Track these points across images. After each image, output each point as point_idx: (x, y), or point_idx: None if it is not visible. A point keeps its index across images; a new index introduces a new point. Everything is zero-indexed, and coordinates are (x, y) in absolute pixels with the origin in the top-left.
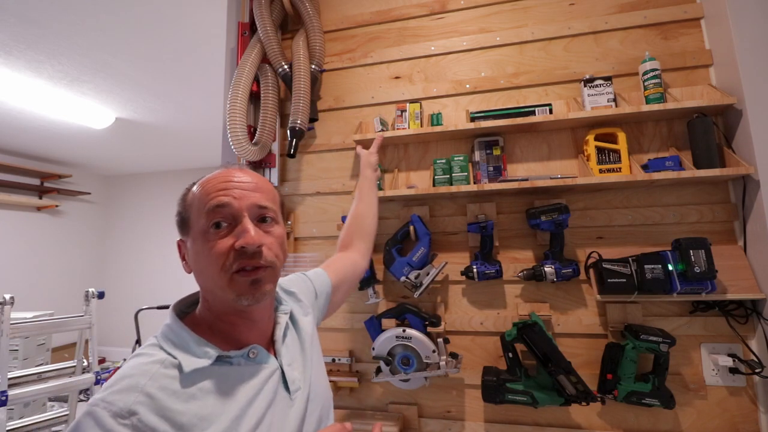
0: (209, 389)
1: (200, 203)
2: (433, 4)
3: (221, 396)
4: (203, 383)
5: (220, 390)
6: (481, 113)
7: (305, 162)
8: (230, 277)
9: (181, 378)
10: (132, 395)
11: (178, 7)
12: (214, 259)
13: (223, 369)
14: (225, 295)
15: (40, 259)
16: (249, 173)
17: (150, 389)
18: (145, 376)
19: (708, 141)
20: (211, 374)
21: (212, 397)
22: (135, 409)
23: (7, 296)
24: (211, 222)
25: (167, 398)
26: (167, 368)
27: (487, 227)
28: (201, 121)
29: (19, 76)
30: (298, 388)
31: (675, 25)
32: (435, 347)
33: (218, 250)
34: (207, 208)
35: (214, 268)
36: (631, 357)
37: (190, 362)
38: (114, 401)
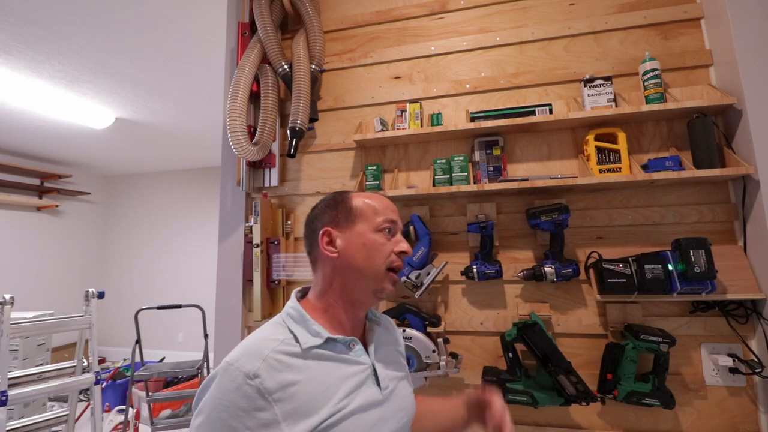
0: (317, 368)
1: (378, 210)
2: (433, 4)
3: (326, 376)
4: (312, 362)
5: (326, 370)
6: (481, 113)
7: (305, 162)
8: (386, 269)
9: (297, 353)
10: (258, 362)
11: (178, 7)
12: (382, 252)
13: (330, 353)
14: (375, 283)
15: (40, 259)
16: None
17: (270, 360)
18: (268, 348)
19: (708, 141)
20: (320, 355)
21: (319, 376)
22: (259, 373)
23: (7, 296)
24: (385, 225)
25: (284, 368)
26: (285, 345)
27: (487, 227)
28: (201, 121)
29: (19, 76)
30: (387, 386)
31: (675, 25)
32: (435, 347)
33: (388, 247)
34: (384, 217)
35: (379, 258)
36: (631, 357)
37: (307, 339)
38: (244, 364)
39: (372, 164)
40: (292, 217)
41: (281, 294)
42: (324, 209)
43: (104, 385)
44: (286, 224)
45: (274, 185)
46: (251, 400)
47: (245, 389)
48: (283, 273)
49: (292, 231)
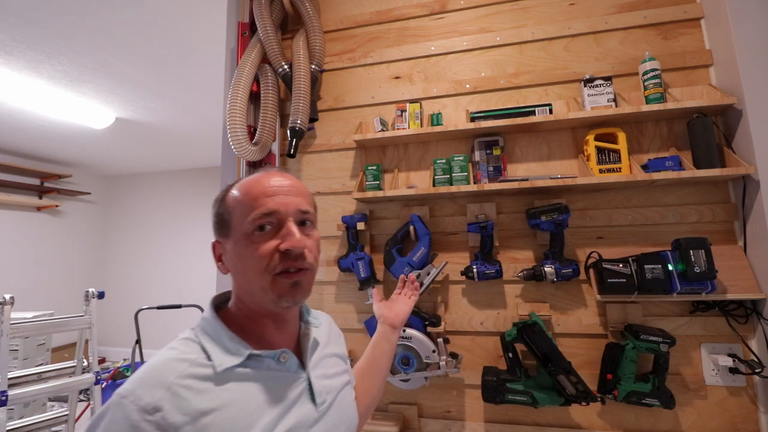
0: (238, 391)
1: (246, 207)
2: (433, 4)
3: (249, 400)
4: (231, 384)
5: (247, 393)
6: (481, 113)
7: (305, 162)
8: (273, 278)
9: (210, 376)
10: (159, 391)
11: (178, 7)
12: (258, 261)
13: (253, 372)
14: (265, 297)
15: (40, 259)
16: (288, 177)
17: (176, 387)
18: (173, 372)
19: (708, 141)
20: (241, 375)
21: (240, 401)
22: (160, 406)
23: (7, 296)
24: (256, 225)
25: (193, 397)
26: (196, 367)
27: (487, 227)
28: (201, 121)
29: (19, 76)
30: (324, 401)
31: (675, 25)
32: (435, 347)
33: (263, 251)
34: (254, 213)
35: (257, 269)
36: (631, 357)
37: (223, 360)
38: (141, 395)
39: (372, 164)
40: None
41: None
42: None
43: (104, 385)
44: None
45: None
46: None
47: (143, 428)
48: None
49: None
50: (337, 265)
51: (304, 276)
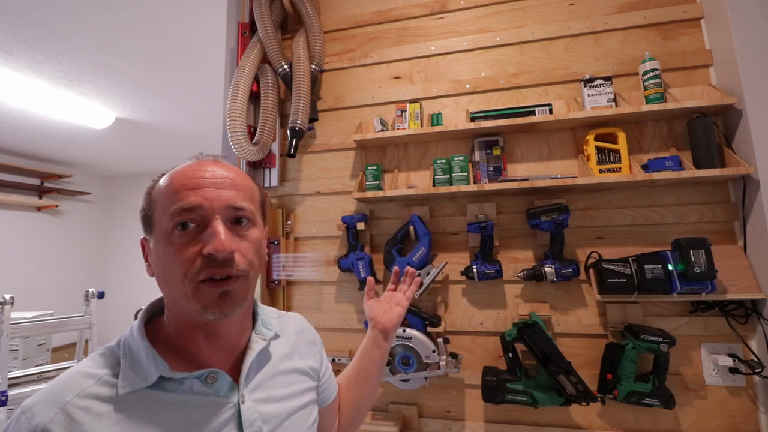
0: (143, 418)
1: (166, 200)
2: (433, 4)
3: (154, 428)
4: (137, 409)
5: (154, 421)
6: (481, 113)
7: (305, 162)
8: (195, 286)
9: (113, 399)
10: (52, 411)
11: (178, 7)
12: (179, 265)
13: (167, 395)
14: (189, 306)
15: (40, 259)
16: (225, 167)
17: (71, 408)
18: (74, 390)
19: (708, 141)
20: (150, 399)
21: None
22: (49, 428)
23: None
24: (176, 223)
25: (90, 421)
26: (101, 386)
27: (487, 227)
28: (201, 121)
29: (19, 76)
30: (258, 430)
31: (675, 25)
32: (435, 347)
33: (183, 255)
34: (173, 208)
35: (177, 275)
36: (631, 357)
37: (128, 380)
38: (35, 414)
39: (372, 164)
40: (292, 217)
41: (281, 294)
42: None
43: None
44: (286, 224)
45: (274, 185)
46: None
47: None
48: (283, 273)
49: (292, 231)
50: (337, 265)
51: (233, 284)
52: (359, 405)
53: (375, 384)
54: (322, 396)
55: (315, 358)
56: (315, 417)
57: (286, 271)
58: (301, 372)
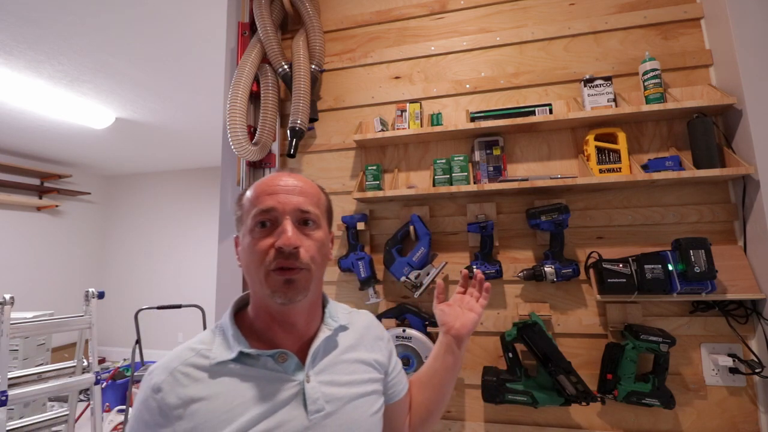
0: (227, 385)
1: (250, 204)
2: (433, 4)
3: (235, 395)
4: (224, 378)
5: (235, 388)
6: (481, 113)
7: (305, 162)
8: (267, 273)
9: (205, 367)
10: (164, 374)
11: (178, 7)
12: (257, 255)
13: (246, 368)
14: (262, 291)
15: (40, 259)
16: (297, 177)
17: (176, 373)
18: (179, 359)
19: (708, 141)
20: (233, 371)
21: (226, 394)
22: (161, 387)
23: (7, 296)
24: (257, 221)
25: (189, 383)
26: (199, 357)
27: (487, 227)
28: (201, 121)
29: (19, 76)
30: (320, 409)
31: (675, 25)
32: None
33: (260, 247)
34: (255, 210)
35: (255, 263)
36: (631, 357)
37: (219, 353)
38: (155, 375)
39: (372, 164)
40: None
41: None
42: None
43: (104, 385)
44: None
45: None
46: (153, 415)
47: (149, 403)
48: None
49: None
50: (338, 265)
51: (297, 274)
52: (431, 408)
53: (448, 389)
54: (392, 391)
55: (382, 353)
56: (379, 407)
57: None
58: (365, 363)
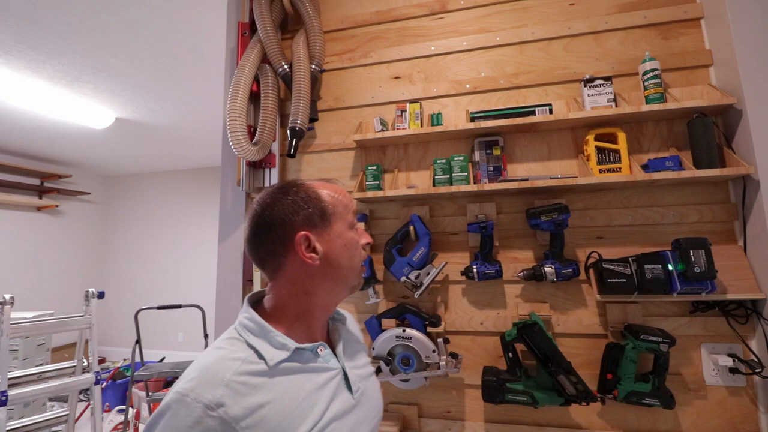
0: (287, 384)
1: (345, 205)
2: (433, 4)
3: (298, 391)
4: (281, 378)
5: (296, 385)
6: (481, 113)
7: (305, 162)
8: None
9: (263, 371)
10: (219, 388)
11: (178, 7)
12: (359, 249)
13: (297, 365)
14: (354, 280)
15: (40, 259)
16: None
17: (234, 384)
18: (229, 370)
19: (708, 141)
20: (288, 369)
21: (290, 392)
22: (223, 401)
23: (7, 296)
24: (355, 220)
25: (250, 391)
26: (248, 364)
27: (487, 227)
28: (201, 121)
29: (19, 76)
30: (359, 389)
31: (675, 25)
32: (435, 347)
33: (360, 242)
34: (353, 209)
35: (358, 256)
36: (631, 357)
37: (272, 354)
38: (203, 393)
39: (372, 164)
40: None
41: None
42: (292, 209)
43: (104, 385)
44: None
45: None
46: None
47: (207, 423)
48: None
49: None
50: None
51: None
52: None
53: None
54: None
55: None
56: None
57: None
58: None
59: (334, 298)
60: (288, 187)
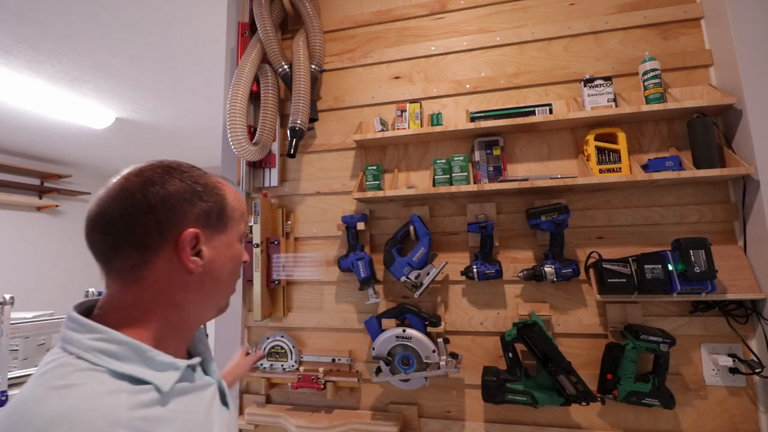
0: (182, 408)
1: (240, 214)
2: (433, 4)
3: (194, 413)
4: (174, 403)
5: (190, 407)
6: (481, 113)
7: (305, 162)
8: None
9: (157, 400)
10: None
11: (178, 7)
12: (240, 267)
13: (187, 385)
14: (221, 302)
15: (40, 259)
16: None
17: (136, 422)
18: (121, 407)
19: (708, 141)
20: (180, 391)
21: (188, 416)
22: None
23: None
24: (245, 234)
25: (154, 428)
26: (137, 394)
27: (487, 227)
28: (201, 121)
29: (19, 76)
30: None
31: (675, 25)
32: (435, 347)
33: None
34: (244, 223)
35: (238, 274)
36: (631, 357)
37: (162, 379)
38: None
39: (372, 164)
40: (292, 217)
41: (281, 294)
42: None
43: None
44: (286, 224)
45: (274, 185)
46: None
47: None
48: (283, 273)
49: (292, 231)
50: (337, 265)
51: None
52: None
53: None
54: None
55: None
56: None
57: (286, 271)
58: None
59: (202, 319)
60: (184, 166)
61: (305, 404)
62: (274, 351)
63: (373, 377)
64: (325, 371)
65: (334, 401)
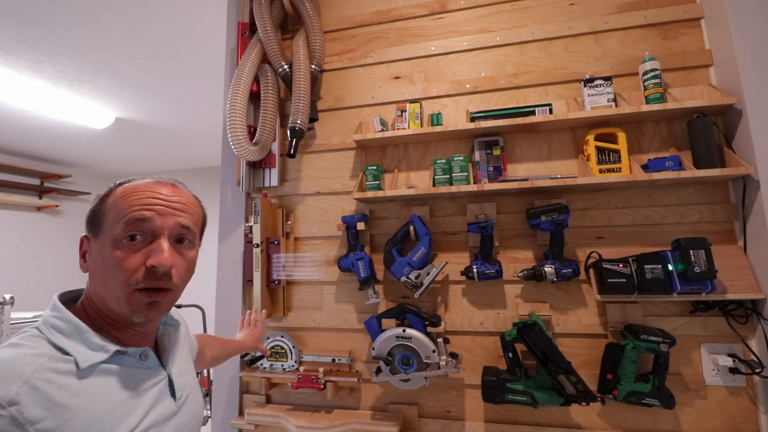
0: (101, 387)
1: (121, 210)
2: (433, 4)
3: (113, 395)
4: (94, 379)
5: (111, 389)
6: (481, 113)
7: (305, 162)
8: (131, 293)
9: (72, 372)
10: (14, 385)
11: (178, 7)
12: (122, 272)
13: (116, 368)
14: (118, 308)
15: (40, 259)
16: (179, 191)
17: (36, 381)
18: (30, 367)
19: (708, 141)
20: (104, 371)
21: (104, 396)
22: (16, 399)
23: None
24: (127, 233)
25: (55, 391)
26: (55, 361)
27: (487, 227)
28: (201, 121)
29: (19, 76)
30: (182, 396)
31: (675, 25)
32: (435, 347)
33: (128, 263)
34: (127, 218)
35: (118, 279)
36: (631, 357)
37: (86, 355)
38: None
39: (372, 164)
40: (292, 217)
41: (281, 294)
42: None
43: None
44: (286, 224)
45: (274, 185)
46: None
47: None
48: (283, 273)
49: (292, 231)
50: (337, 265)
51: (164, 297)
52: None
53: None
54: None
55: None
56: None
57: (286, 271)
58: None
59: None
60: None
61: (305, 404)
62: (274, 351)
63: (373, 377)
64: (325, 371)
65: (334, 401)
